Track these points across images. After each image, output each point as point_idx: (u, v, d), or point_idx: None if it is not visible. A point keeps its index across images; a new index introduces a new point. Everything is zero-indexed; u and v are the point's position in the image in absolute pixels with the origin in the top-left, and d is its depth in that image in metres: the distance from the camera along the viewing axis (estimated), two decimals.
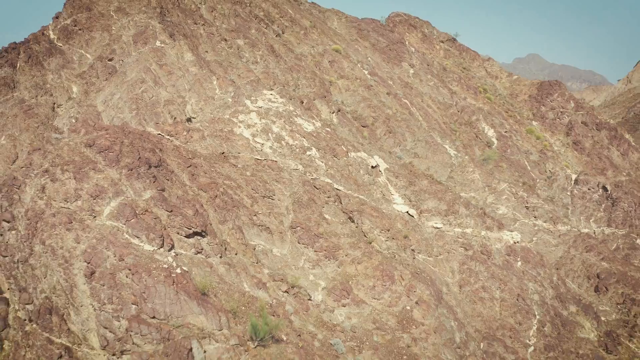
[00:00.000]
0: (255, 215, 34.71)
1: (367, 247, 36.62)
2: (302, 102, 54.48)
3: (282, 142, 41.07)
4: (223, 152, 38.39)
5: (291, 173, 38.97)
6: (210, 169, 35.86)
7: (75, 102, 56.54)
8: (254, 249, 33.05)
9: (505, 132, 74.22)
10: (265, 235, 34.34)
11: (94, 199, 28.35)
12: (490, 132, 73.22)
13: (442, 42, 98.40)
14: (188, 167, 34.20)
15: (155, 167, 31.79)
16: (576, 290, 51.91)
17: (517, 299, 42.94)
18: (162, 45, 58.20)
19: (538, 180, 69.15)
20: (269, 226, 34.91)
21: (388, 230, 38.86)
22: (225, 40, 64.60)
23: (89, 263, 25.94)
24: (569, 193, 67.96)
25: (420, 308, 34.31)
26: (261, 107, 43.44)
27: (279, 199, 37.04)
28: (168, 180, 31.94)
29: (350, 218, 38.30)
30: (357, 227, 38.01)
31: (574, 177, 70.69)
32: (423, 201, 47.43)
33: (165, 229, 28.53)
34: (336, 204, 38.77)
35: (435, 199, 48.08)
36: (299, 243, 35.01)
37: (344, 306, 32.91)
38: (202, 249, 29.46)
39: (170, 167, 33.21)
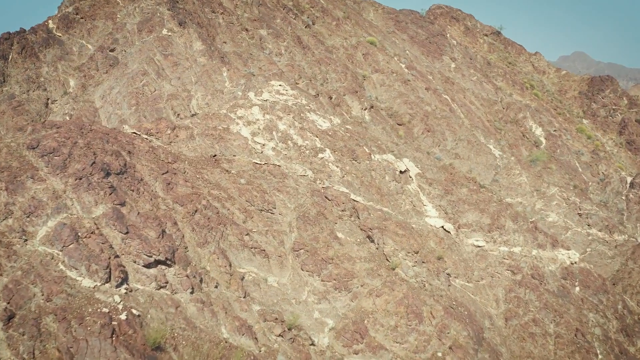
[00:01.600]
0: (247, 234, 27.69)
1: (389, 274, 29.18)
2: (331, 98, 48.71)
3: (289, 142, 33.95)
4: (214, 155, 31.56)
5: (297, 180, 31.83)
6: (194, 176, 29.02)
7: (70, 98, 50.78)
8: (242, 278, 26.01)
9: (554, 130, 66.60)
10: (259, 259, 27.26)
11: (28, 217, 21.81)
12: (538, 131, 65.94)
13: (486, 35, 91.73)
14: (164, 173, 27.42)
15: (118, 174, 25.10)
16: (635, 309, 43.27)
17: (576, 335, 34.86)
18: (169, 33, 51.85)
19: (590, 183, 61.45)
20: (265, 248, 27.85)
21: (417, 252, 31.29)
22: (247, 30, 58.46)
23: (8, 303, 19.35)
24: (624, 197, 60.18)
25: (455, 355, 26.72)
26: (266, 100, 36.44)
27: (281, 213, 29.95)
28: (133, 191, 25.19)
29: (369, 237, 30.90)
30: (377, 248, 30.58)
31: (629, 179, 62.49)
32: (462, 213, 39.56)
33: (115, 257, 21.75)
34: (352, 219, 31.43)
35: (477, 211, 40.14)
36: (302, 270, 27.84)
37: (357, 353, 25.58)
38: (166, 283, 22.59)
39: (140, 174, 26.48)
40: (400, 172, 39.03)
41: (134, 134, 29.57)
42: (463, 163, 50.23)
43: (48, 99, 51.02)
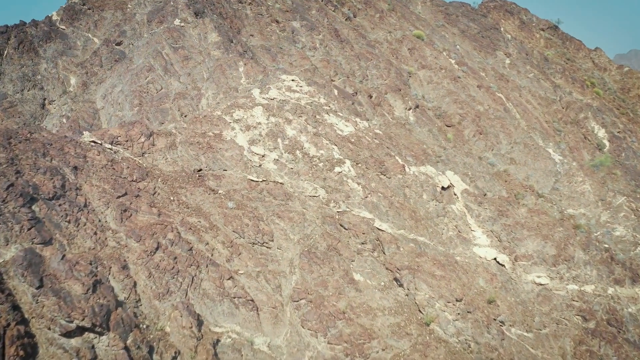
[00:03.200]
0: (230, 277, 20.65)
1: (422, 332, 21.61)
2: (371, 97, 43.63)
3: (298, 152, 26.73)
4: (199, 169, 24.67)
5: (305, 203, 24.61)
6: (166, 199, 22.19)
7: (69, 97, 45.04)
8: (217, 342, 18.95)
9: (618, 132, 60.25)
10: (243, 313, 20.16)
11: None
12: (601, 133, 59.51)
13: (543, 30, 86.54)
14: (120, 196, 20.68)
15: (49, 199, 18.48)
16: None
17: None
18: (182, 24, 45.53)
19: None
20: (254, 296, 20.75)
21: (460, 300, 23.56)
22: (277, 22, 53.27)
23: None
24: None
25: None
26: (273, 98, 29.38)
27: (280, 248, 22.79)
28: (69, 222, 18.50)
29: (396, 280, 23.33)
30: (407, 295, 23.01)
31: None
32: (519, 241, 31.47)
33: (19, 323, 15.05)
34: (375, 254, 23.96)
35: (539, 238, 31.95)
36: (302, 327, 20.60)
37: None
38: (94, 358, 15.75)
39: (85, 198, 19.79)
40: (442, 188, 31.28)
41: (93, 144, 22.93)
42: (519, 169, 44.64)
43: (45, 98, 45.51)
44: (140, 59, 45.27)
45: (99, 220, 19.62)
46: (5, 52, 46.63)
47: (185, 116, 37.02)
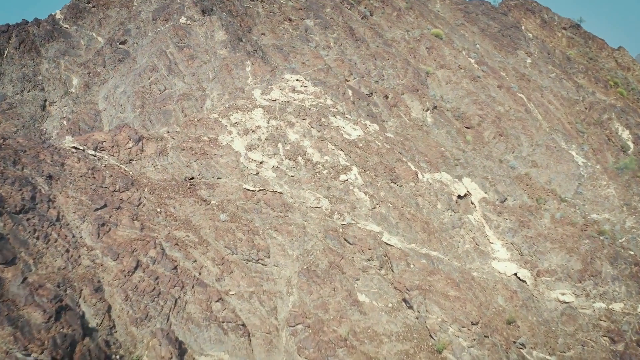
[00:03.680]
0: (220, 299, 18.59)
1: None
2: (387, 97, 42.59)
3: (300, 158, 24.58)
4: (191, 178, 22.66)
5: (306, 214, 22.45)
6: (152, 210, 20.21)
7: (71, 99, 43.43)
8: None
9: None
10: (233, 340, 18.07)
11: None
12: (625, 134, 57.62)
13: (564, 29, 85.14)
14: (99, 209, 18.74)
15: (16, 213, 16.58)
16: None
17: None
18: (188, 22, 43.81)
19: None
20: (245, 320, 18.66)
21: (476, 324, 21.22)
22: (290, 20, 52.17)
23: None
24: None
25: None
26: (275, 100, 27.28)
27: (277, 265, 20.67)
28: (38, 239, 16.57)
29: (405, 301, 21.05)
30: (417, 318, 20.72)
31: None
32: (542, 255, 28.98)
33: None
34: (382, 272, 21.71)
35: (563, 250, 29.44)
36: (299, 355, 18.44)
37: None
38: None
39: (58, 211, 17.87)
40: (459, 196, 28.90)
41: (74, 150, 21.02)
42: (541, 172, 43.19)
43: (45, 100, 43.96)
44: (144, 59, 43.64)
45: (73, 236, 17.68)
46: (6, 52, 45.17)
47: (187, 118, 35.23)
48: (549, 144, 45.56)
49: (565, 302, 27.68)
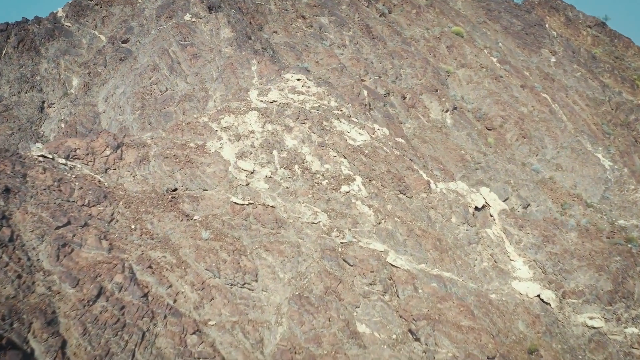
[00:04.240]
0: (197, 330, 16.23)
1: None
2: (404, 98, 41.03)
3: (296, 167, 22.12)
4: (174, 190, 20.34)
5: (301, 231, 20.00)
6: (126, 227, 17.93)
7: (70, 100, 41.55)
8: None
9: None
10: None
11: None
12: None
13: (590, 27, 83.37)
14: (61, 227, 16.51)
15: None
16: None
17: None
18: (193, 19, 41.79)
19: None
20: (226, 356, 16.29)
21: (492, 358, 18.53)
22: (304, 17, 50.49)
23: None
24: None
25: None
26: (272, 101, 24.88)
27: (265, 290, 18.25)
28: None
29: (411, 332, 18.44)
30: (424, 352, 18.09)
31: None
32: (568, 274, 26.13)
33: None
34: (386, 297, 19.14)
35: (592, 269, 26.55)
36: None
37: None
38: None
39: (11, 230, 15.67)
40: (476, 208, 26.18)
41: (42, 159, 18.82)
42: (566, 176, 41.91)
43: (44, 101, 42.17)
44: (145, 58, 41.70)
45: (28, 259, 15.46)
46: (4, 51, 43.49)
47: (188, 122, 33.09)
48: (574, 147, 44.05)
49: (594, 327, 24.84)
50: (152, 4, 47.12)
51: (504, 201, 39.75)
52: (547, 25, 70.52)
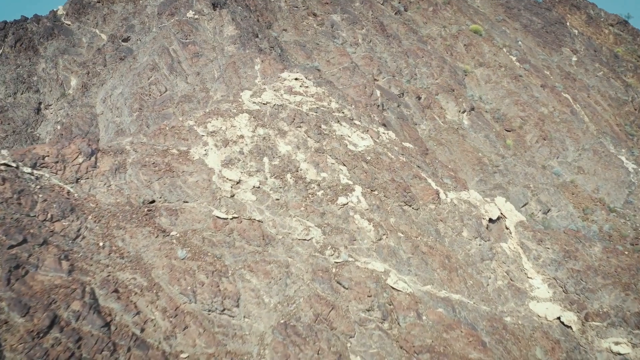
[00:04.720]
0: None
1: None
2: (419, 98, 40.55)
3: (289, 176, 20.03)
4: (151, 202, 18.38)
5: (291, 249, 17.91)
6: (94, 244, 16.01)
7: (67, 101, 40.00)
8: None
9: None
10: None
11: None
12: None
13: (612, 25, 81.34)
14: (15, 246, 14.64)
15: None
16: None
17: None
18: (196, 16, 40.14)
19: None
20: None
21: None
22: (315, 15, 49.48)
23: None
24: None
25: None
26: (266, 103, 22.84)
27: (247, 316, 16.21)
28: None
29: None
30: None
31: None
32: (592, 293, 23.70)
33: None
34: (385, 326, 16.97)
35: (618, 288, 24.08)
36: None
37: None
38: None
39: None
40: (490, 220, 23.86)
41: (3, 167, 16.97)
42: (588, 179, 41.36)
43: (40, 102, 40.72)
44: (145, 57, 40.11)
45: None
46: (1, 50, 42.10)
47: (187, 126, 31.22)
48: (597, 149, 43.21)
49: (620, 354, 22.38)
50: (155, 1, 45.51)
51: (523, 206, 37.65)
52: (568, 24, 69.22)
